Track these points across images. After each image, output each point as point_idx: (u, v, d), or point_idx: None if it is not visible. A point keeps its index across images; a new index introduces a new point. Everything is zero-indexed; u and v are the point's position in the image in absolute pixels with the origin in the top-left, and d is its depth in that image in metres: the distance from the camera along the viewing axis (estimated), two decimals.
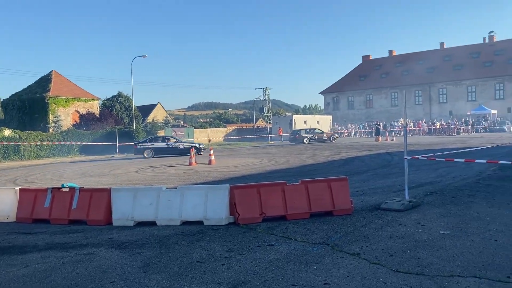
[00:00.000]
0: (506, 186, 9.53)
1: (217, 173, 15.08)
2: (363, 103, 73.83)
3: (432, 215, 6.99)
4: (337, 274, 4.40)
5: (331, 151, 25.42)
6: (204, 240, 5.95)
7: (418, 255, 4.93)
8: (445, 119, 56.61)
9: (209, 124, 68.53)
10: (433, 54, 70.12)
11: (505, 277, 4.14)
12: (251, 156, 23.64)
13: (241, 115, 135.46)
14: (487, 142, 26.03)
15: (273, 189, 7.14)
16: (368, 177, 12.54)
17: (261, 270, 4.63)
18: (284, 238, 5.90)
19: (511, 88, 60.15)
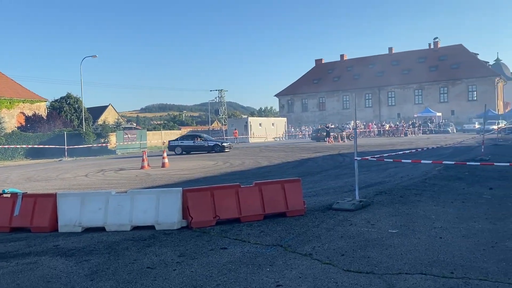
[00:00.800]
0: (450, 186, 9.99)
1: (170, 176, 14.81)
2: (316, 105, 75.32)
3: (381, 214, 7.20)
4: (289, 276, 4.41)
5: (285, 152, 25.68)
6: (156, 245, 5.80)
7: (368, 254, 5.05)
8: (394, 121, 58.83)
9: (163, 126, 67.39)
10: (382, 58, 72.75)
11: (449, 272, 4.31)
12: (206, 159, 23.44)
13: (196, 117, 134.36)
14: (432, 143, 27.26)
15: (227, 191, 7.09)
16: (321, 178, 12.76)
17: (213, 274, 4.56)
18: (237, 241, 5.86)
19: (454, 92, 63.47)
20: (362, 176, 11.88)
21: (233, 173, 15.37)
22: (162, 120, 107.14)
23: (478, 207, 7.43)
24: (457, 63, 64.32)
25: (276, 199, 7.26)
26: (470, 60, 64.39)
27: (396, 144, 29.75)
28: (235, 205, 6.96)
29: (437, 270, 4.38)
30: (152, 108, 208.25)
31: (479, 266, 4.45)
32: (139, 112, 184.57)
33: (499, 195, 8.52)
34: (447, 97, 64.22)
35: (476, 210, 7.22)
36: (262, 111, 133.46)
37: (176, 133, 54.19)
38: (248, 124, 50.08)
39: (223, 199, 6.93)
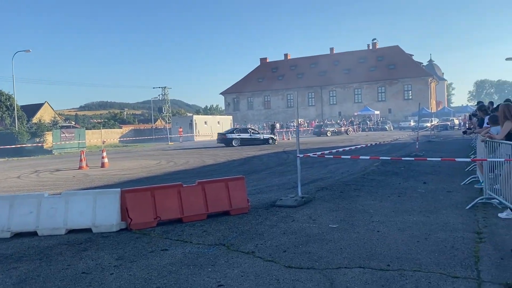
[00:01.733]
0: (387, 180, 10.41)
1: (110, 177, 14.27)
2: (261, 104, 76.00)
3: (323, 209, 7.34)
4: (231, 275, 4.36)
5: (231, 151, 25.64)
6: (92, 249, 5.53)
7: (309, 250, 5.11)
8: (335, 120, 60.64)
9: (103, 124, 64.92)
10: (324, 58, 74.76)
11: (386, 265, 4.45)
12: (149, 158, 22.87)
13: (138, 115, 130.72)
14: (371, 140, 28.36)
15: (168, 191, 6.91)
16: (266, 175, 12.84)
17: (153, 277, 4.41)
18: (179, 242, 5.72)
19: (391, 91, 66.52)
20: (305, 173, 12.10)
21: (177, 172, 15.10)
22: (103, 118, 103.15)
23: (413, 201, 7.78)
24: (393, 64, 67.45)
25: (220, 197, 7.19)
26: (406, 61, 67.80)
27: (337, 141, 30.66)
28: (177, 205, 6.81)
29: (375, 263, 4.52)
30: (92, 106, 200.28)
31: (413, 258, 4.64)
32: (78, 110, 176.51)
33: (432, 188, 8.99)
34: (385, 96, 67.22)
35: (411, 203, 7.56)
36: (208, 109, 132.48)
37: (117, 132, 52.43)
38: (193, 122, 49.52)
39: (165, 199, 6.75)
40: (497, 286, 3.77)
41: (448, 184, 9.46)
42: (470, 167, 11.41)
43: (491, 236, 5.31)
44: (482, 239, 5.20)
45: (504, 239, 5.16)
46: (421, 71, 67.30)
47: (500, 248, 4.82)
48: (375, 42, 73.40)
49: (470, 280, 3.93)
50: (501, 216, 6.19)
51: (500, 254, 4.61)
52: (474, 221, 6.13)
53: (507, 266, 4.27)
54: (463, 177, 9.98)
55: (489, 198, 7.06)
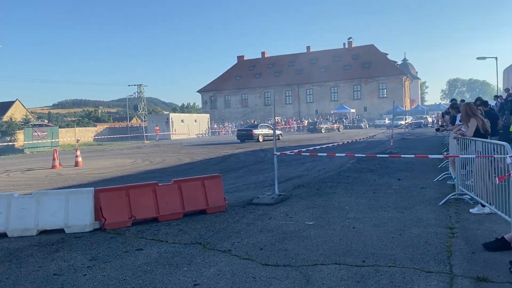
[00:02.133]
0: (362, 177, 10.53)
1: (84, 176, 13.98)
2: (239, 102, 75.88)
3: (299, 207, 7.37)
4: (207, 274, 4.32)
5: (208, 149, 25.51)
6: (64, 250, 5.39)
7: (286, 247, 5.12)
8: (312, 117, 61.12)
9: (77, 123, 63.66)
10: (300, 57, 75.16)
11: (361, 261, 4.50)
12: (125, 156, 22.52)
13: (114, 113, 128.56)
14: (347, 137, 28.68)
15: (143, 190, 6.80)
16: (243, 174, 12.82)
17: (127, 277, 4.33)
18: (154, 241, 5.64)
19: (367, 90, 67.45)
20: (282, 171, 12.13)
21: (153, 171, 14.92)
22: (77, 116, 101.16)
23: (387, 197, 7.89)
24: (369, 62, 68.40)
25: (196, 196, 7.13)
26: (381, 60, 68.85)
27: (314, 139, 30.89)
28: (153, 204, 6.71)
29: (350, 260, 4.56)
30: (66, 104, 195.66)
31: (388, 254, 4.70)
32: (51, 108, 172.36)
33: (406, 185, 9.15)
34: (360, 94, 68.12)
35: (386, 200, 7.67)
36: (185, 107, 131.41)
37: (91, 130, 51.52)
38: (170, 120, 49.07)
39: (140, 199, 6.64)
40: (468, 280, 3.85)
41: (422, 180, 9.64)
42: (443, 164, 11.66)
43: (463, 231, 5.43)
44: (454, 234, 5.31)
45: (475, 234, 5.29)
46: (396, 70, 68.46)
47: (472, 243, 4.93)
48: (351, 41, 74.26)
49: (443, 275, 4.01)
50: (472, 211, 6.34)
51: (472, 249, 4.72)
52: (447, 216, 6.26)
53: (478, 260, 4.37)
54: (436, 174, 10.20)
55: (461, 194, 7.23)
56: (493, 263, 4.25)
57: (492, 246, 4.63)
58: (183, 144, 33.12)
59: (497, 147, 5.62)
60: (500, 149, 5.43)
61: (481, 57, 34.43)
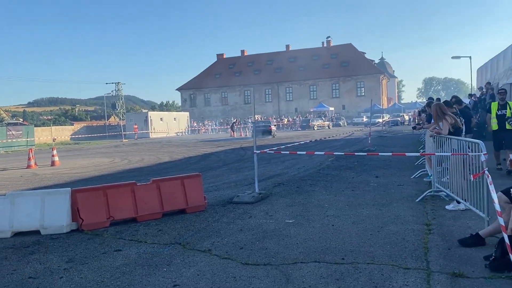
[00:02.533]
0: (341, 175, 10.64)
1: (60, 176, 13.71)
2: (219, 100, 75.64)
3: (279, 205, 7.40)
4: (187, 274, 4.29)
5: (188, 147, 25.36)
6: (40, 252, 5.28)
7: (266, 246, 5.12)
8: (291, 116, 61.43)
9: (53, 121, 62.38)
10: (280, 55, 75.37)
11: (340, 259, 4.54)
12: (102, 156, 22.18)
13: (91, 112, 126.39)
14: (326, 135, 28.91)
15: (121, 190, 6.71)
16: (223, 172, 12.78)
17: (105, 279, 4.27)
18: (133, 242, 5.57)
19: (345, 88, 68.16)
20: (262, 169, 12.15)
21: (131, 170, 14.74)
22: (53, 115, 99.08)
23: (365, 195, 7.99)
24: (347, 61, 69.10)
25: (176, 196, 7.07)
26: (359, 59, 69.65)
27: (293, 137, 31.04)
28: (131, 204, 6.63)
29: (330, 257, 4.59)
30: (41, 102, 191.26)
31: (366, 251, 4.76)
32: (26, 106, 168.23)
33: (384, 182, 9.28)
34: (339, 92, 68.78)
35: (364, 197, 7.77)
36: (164, 106, 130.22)
37: (68, 129, 50.57)
38: (149, 118, 48.58)
39: (118, 199, 6.55)
40: (444, 276, 3.93)
41: (399, 178, 9.79)
42: (419, 161, 11.86)
43: (439, 228, 5.54)
44: (431, 231, 5.41)
45: (451, 230, 5.40)
46: (373, 68, 69.38)
47: (448, 239, 5.03)
48: (329, 40, 74.84)
49: (420, 271, 4.08)
50: (448, 208, 6.48)
51: (448, 245, 4.82)
52: (424, 213, 6.37)
53: (454, 256, 4.46)
54: (413, 171, 10.37)
55: (437, 191, 7.38)
56: (468, 258, 4.35)
57: (467, 242, 4.74)
58: (162, 142, 32.83)
59: (471, 145, 5.75)
60: (474, 147, 5.56)
61: (456, 56, 35.18)
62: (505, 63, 17.08)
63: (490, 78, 19.90)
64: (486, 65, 22.29)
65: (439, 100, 13.10)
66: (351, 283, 3.87)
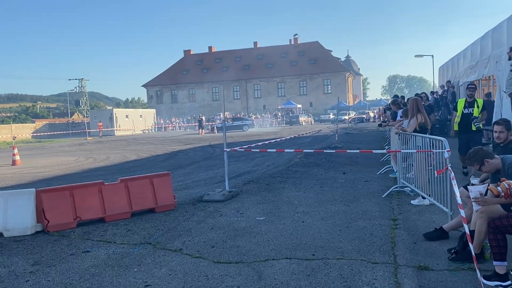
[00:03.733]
0: (310, 172, 10.78)
1: (23, 175, 13.24)
2: (186, 97, 74.88)
3: (250, 203, 7.43)
4: (158, 274, 4.26)
5: (155, 145, 25.01)
6: (4, 255, 5.09)
7: (237, 244, 5.15)
8: (260, 113, 61.59)
9: (13, 119, 60.05)
10: (248, 52, 75.36)
11: (311, 254, 4.62)
12: (66, 154, 21.56)
13: (53, 109, 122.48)
14: (294, 132, 29.18)
15: (88, 190, 6.55)
16: (192, 170, 12.70)
17: (74, 281, 4.17)
18: (102, 242, 5.47)
19: (312, 85, 68.93)
20: (232, 167, 12.15)
21: (97, 169, 14.41)
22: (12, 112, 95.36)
23: (334, 191, 8.14)
24: (314, 59, 69.88)
25: (144, 195, 6.97)
26: (325, 56, 70.58)
27: (262, 134, 31.17)
28: (99, 204, 6.49)
29: (301, 253, 4.66)
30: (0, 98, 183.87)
31: (336, 246, 4.86)
32: None
33: (351, 178, 9.48)
34: (306, 90, 69.49)
35: (333, 193, 7.91)
36: (129, 102, 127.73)
37: (29, 127, 48.81)
38: (114, 116, 47.50)
39: (85, 199, 6.40)
40: (411, 269, 4.07)
41: (366, 174, 10.02)
42: (385, 158, 12.17)
43: (405, 222, 5.72)
44: (397, 226, 5.58)
45: (416, 225, 5.59)
46: (339, 66, 70.48)
47: (413, 233, 5.21)
48: (297, 38, 75.41)
49: (388, 265, 4.21)
50: (413, 203, 6.69)
51: (413, 239, 4.99)
52: (390, 208, 6.56)
53: (419, 249, 4.63)
54: (379, 167, 10.64)
55: (402, 187, 7.60)
56: (433, 252, 4.52)
57: (431, 236, 4.92)
58: (128, 140, 32.23)
59: (435, 142, 5.96)
60: (438, 144, 5.76)
61: (419, 55, 36.31)
62: (465, 62, 17.73)
63: (451, 77, 20.63)
64: (448, 63, 23.08)
65: (403, 98, 13.48)
66: (322, 279, 3.95)
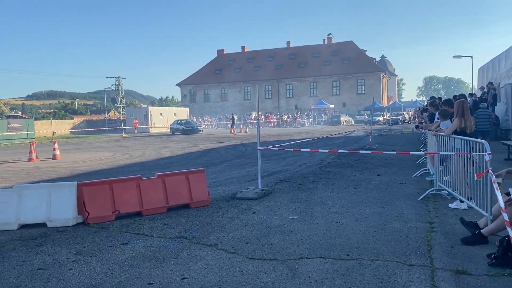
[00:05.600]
0: (343, 173, 10.70)
1: (63, 169, 13.76)
2: (218, 96, 75.60)
3: (282, 201, 7.46)
4: (194, 267, 4.36)
5: (188, 143, 25.40)
6: (48, 244, 5.34)
7: (271, 241, 5.19)
8: (291, 112, 61.40)
9: (53, 115, 62.27)
10: (280, 52, 75.31)
11: (345, 255, 4.61)
12: (103, 150, 22.22)
13: (91, 106, 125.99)
14: (326, 133, 28.97)
15: (127, 184, 6.76)
16: (224, 168, 12.84)
17: (114, 271, 4.33)
18: (139, 235, 5.64)
19: (345, 85, 68.13)
20: (264, 165, 12.20)
21: (133, 164, 14.79)
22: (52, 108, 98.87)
23: (368, 192, 8.06)
24: (348, 59, 69.05)
25: (180, 190, 7.13)
26: (360, 56, 69.59)
27: (294, 134, 31.11)
28: (136, 198, 6.68)
29: (335, 253, 4.66)
30: (40, 95, 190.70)
31: (371, 247, 4.83)
32: (25, 99, 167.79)
33: (386, 180, 9.35)
34: (339, 90, 68.74)
35: (367, 195, 7.83)
36: (163, 101, 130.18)
37: (68, 123, 50.53)
38: (149, 113, 48.53)
39: (123, 193, 6.61)
40: (448, 273, 4.00)
41: (401, 176, 9.86)
42: (421, 160, 11.93)
43: (441, 226, 5.61)
44: (433, 229, 5.48)
45: (453, 228, 5.47)
46: (374, 66, 69.34)
47: (450, 237, 5.10)
48: (331, 37, 74.76)
49: (424, 268, 4.15)
50: (451, 206, 6.55)
51: (451, 243, 4.89)
52: (426, 211, 6.44)
53: (457, 253, 4.54)
54: (414, 170, 10.44)
55: (439, 190, 7.44)
56: (471, 256, 4.42)
57: (469, 240, 4.81)
58: (163, 137, 32.86)
59: (475, 144, 5.81)
60: (478, 146, 5.62)
61: (457, 56, 35.21)
62: (506, 63, 17.13)
63: (491, 78, 19.96)
64: (488, 64, 22.35)
65: (440, 100, 13.17)
66: (356, 279, 3.94)
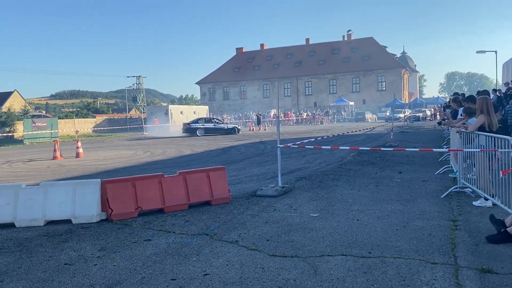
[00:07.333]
0: (364, 170, 10.62)
1: (86, 167, 14.04)
2: (237, 94, 75.79)
3: (303, 199, 7.45)
4: (216, 264, 4.40)
5: (208, 141, 25.56)
6: (73, 240, 5.47)
7: (292, 238, 5.20)
8: (311, 110, 61.13)
9: (75, 114, 63.45)
10: (299, 49, 74.98)
11: (367, 252, 4.58)
12: (125, 148, 22.56)
13: (112, 105, 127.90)
14: (346, 130, 28.73)
15: (149, 182, 6.86)
16: (244, 166, 12.89)
17: (137, 267, 4.41)
18: (162, 232, 5.72)
19: (365, 82, 67.41)
20: (283, 163, 12.17)
21: (155, 162, 14.97)
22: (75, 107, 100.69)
23: (389, 190, 7.98)
24: (368, 55, 68.27)
25: (201, 188, 7.19)
26: (380, 52, 68.72)
27: (313, 131, 30.97)
28: (159, 195, 6.78)
29: (356, 251, 4.64)
30: (63, 94, 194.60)
31: (393, 245, 4.79)
32: (49, 99, 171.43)
33: (408, 178, 9.23)
34: (359, 87, 68.06)
35: (388, 192, 7.75)
36: (183, 99, 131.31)
37: (90, 121, 51.41)
38: (169, 112, 48.94)
39: (146, 190, 6.71)
40: (473, 271, 3.94)
41: (423, 173, 9.72)
42: (443, 157, 11.74)
43: (465, 224, 5.52)
44: (457, 227, 5.40)
45: (478, 226, 5.37)
46: (395, 62, 68.38)
47: (475, 235, 5.02)
48: (350, 34, 74.02)
49: (448, 266, 4.10)
50: (475, 204, 6.43)
51: (475, 241, 4.81)
52: (449, 209, 6.34)
53: (482, 252, 4.46)
54: (436, 167, 10.28)
55: (462, 187, 7.31)
56: (496, 255, 4.34)
57: (494, 239, 4.72)
58: (183, 136, 33.14)
59: (500, 141, 5.69)
60: (503, 143, 5.50)
61: (481, 51, 34.42)
62: None
63: None
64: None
65: (463, 96, 12.91)
66: (379, 276, 3.92)
